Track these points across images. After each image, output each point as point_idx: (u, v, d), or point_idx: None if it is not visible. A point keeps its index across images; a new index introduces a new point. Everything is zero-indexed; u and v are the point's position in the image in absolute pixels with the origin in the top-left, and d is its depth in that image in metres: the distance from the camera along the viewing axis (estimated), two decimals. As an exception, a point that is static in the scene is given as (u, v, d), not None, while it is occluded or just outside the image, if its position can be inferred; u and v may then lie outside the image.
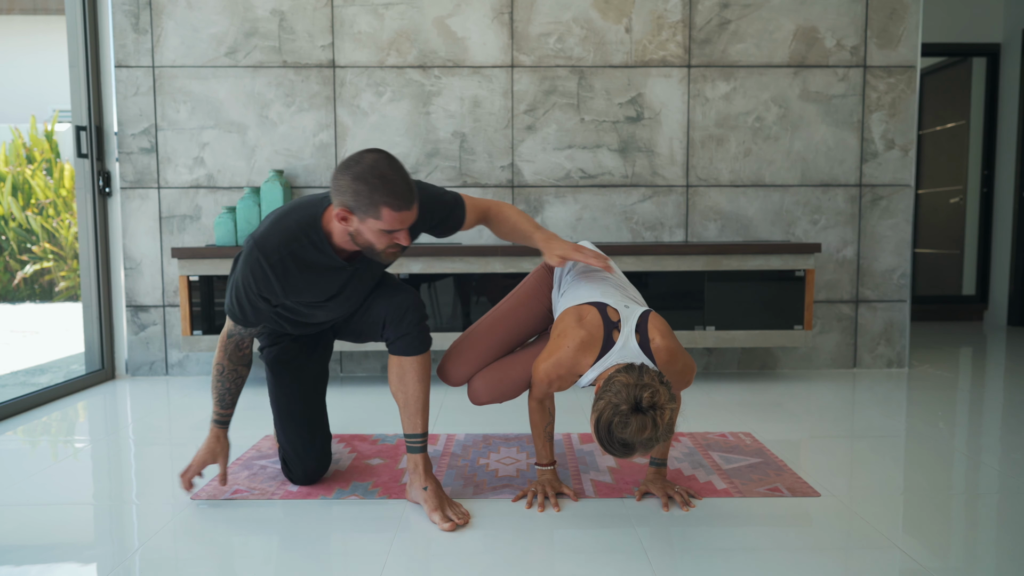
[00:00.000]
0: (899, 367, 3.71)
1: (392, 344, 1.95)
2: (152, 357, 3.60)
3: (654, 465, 2.00)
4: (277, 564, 1.62)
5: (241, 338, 1.94)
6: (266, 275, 1.79)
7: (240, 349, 1.95)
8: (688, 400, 3.08)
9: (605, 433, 1.62)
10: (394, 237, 1.74)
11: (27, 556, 1.67)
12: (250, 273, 1.79)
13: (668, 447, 1.99)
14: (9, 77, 9.01)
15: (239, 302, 1.84)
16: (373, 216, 1.69)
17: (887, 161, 3.62)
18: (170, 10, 3.47)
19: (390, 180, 1.68)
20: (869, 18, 3.56)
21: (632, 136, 3.58)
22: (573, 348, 1.80)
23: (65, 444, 2.54)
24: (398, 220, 1.70)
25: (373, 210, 1.69)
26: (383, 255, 1.79)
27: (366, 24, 3.51)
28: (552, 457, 2.00)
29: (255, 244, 1.79)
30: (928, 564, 1.60)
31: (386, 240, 1.74)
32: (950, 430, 2.64)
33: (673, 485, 1.98)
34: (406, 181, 1.71)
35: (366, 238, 1.74)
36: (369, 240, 1.74)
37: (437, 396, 3.18)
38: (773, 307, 3.33)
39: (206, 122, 3.53)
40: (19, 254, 7.55)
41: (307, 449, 2.07)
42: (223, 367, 1.95)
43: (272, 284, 1.80)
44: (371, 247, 1.76)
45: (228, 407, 1.99)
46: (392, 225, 1.70)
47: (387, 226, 1.70)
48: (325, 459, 2.12)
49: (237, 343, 1.94)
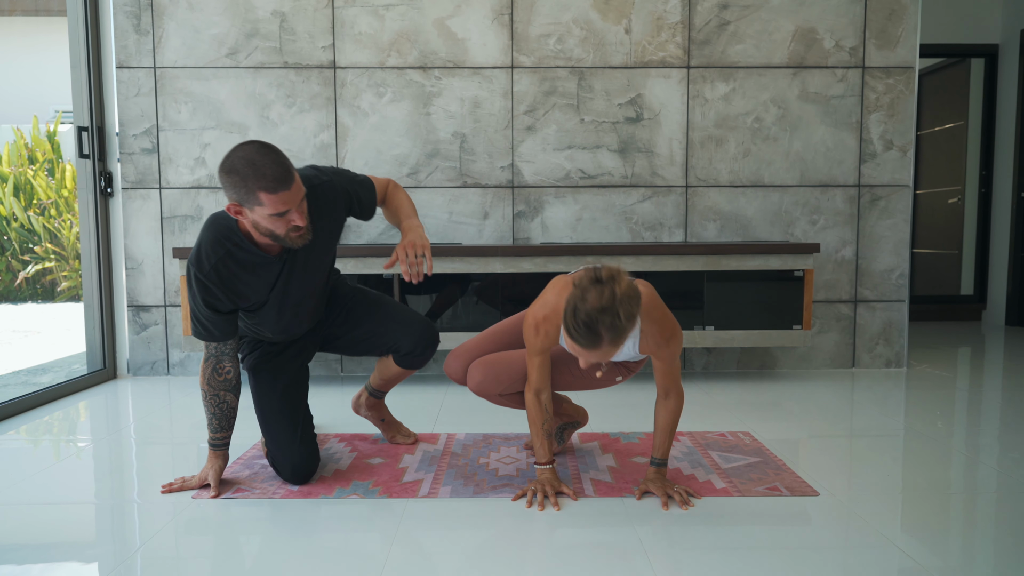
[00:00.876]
0: (898, 367, 3.72)
1: (401, 358, 2.27)
2: (153, 357, 3.61)
3: (654, 465, 2.01)
4: (277, 563, 1.63)
5: (218, 360, 1.99)
6: (205, 286, 1.87)
7: (219, 373, 1.99)
8: (688, 400, 3.09)
9: (570, 316, 1.65)
10: (288, 219, 1.79)
11: (29, 555, 1.67)
12: (195, 288, 1.88)
13: (668, 446, 2.00)
14: (11, 78, 9.02)
15: (195, 319, 1.94)
16: (256, 203, 1.75)
17: (886, 161, 3.63)
18: (171, 11, 3.48)
19: (259, 165, 1.72)
20: (868, 19, 3.57)
21: (632, 137, 3.59)
22: (558, 290, 1.88)
23: (67, 443, 2.55)
24: (279, 201, 1.74)
25: (254, 197, 1.74)
26: (288, 239, 1.83)
27: (367, 25, 3.52)
28: (551, 456, 2.01)
29: (189, 263, 1.89)
30: (926, 563, 1.61)
31: (282, 224, 1.79)
32: (948, 429, 2.65)
33: (673, 484, 1.99)
34: (278, 163, 1.74)
35: (264, 226, 1.80)
36: (267, 227, 1.80)
37: (437, 396, 3.19)
38: (772, 307, 3.33)
39: (207, 123, 3.54)
40: (21, 254, 7.56)
41: (290, 440, 2.08)
42: (204, 392, 2.02)
43: (214, 291, 1.88)
44: (272, 233, 1.81)
45: (216, 431, 2.04)
46: (276, 207, 1.75)
47: (272, 209, 1.75)
48: (310, 453, 2.11)
49: (215, 366, 1.99)
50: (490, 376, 2.07)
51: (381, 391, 2.45)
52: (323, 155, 3.55)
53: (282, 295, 1.99)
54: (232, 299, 1.91)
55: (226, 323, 1.95)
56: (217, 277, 1.87)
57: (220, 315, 1.92)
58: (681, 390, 1.97)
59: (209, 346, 1.98)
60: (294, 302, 2.03)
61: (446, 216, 3.59)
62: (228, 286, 1.89)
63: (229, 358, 1.99)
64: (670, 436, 1.99)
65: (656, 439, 1.99)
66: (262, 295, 1.96)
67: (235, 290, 1.91)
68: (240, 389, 2.05)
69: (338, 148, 3.56)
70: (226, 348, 1.99)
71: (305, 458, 2.09)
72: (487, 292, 3.30)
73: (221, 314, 1.92)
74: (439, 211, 3.59)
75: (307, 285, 2.03)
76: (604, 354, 1.69)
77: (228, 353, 1.99)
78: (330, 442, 2.51)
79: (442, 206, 3.59)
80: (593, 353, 1.69)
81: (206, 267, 1.86)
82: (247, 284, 1.92)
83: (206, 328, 1.93)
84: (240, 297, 1.93)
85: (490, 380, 2.07)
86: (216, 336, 1.95)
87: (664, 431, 1.98)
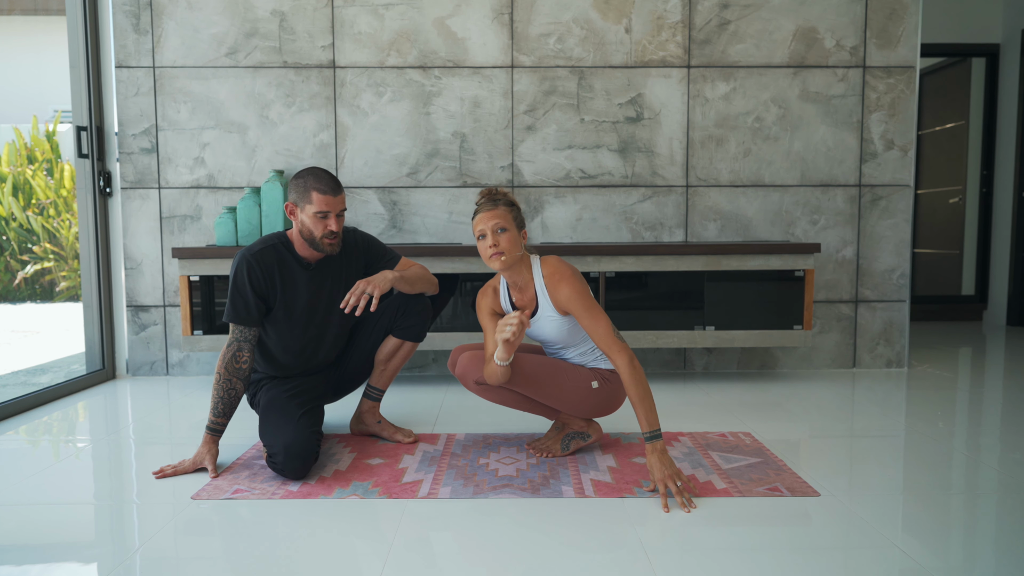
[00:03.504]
0: (898, 367, 3.72)
1: (398, 330, 2.43)
2: (153, 357, 3.61)
3: (646, 440, 1.97)
4: (277, 564, 1.62)
5: (239, 347, 2.20)
6: (251, 264, 2.20)
7: (237, 360, 2.19)
8: (688, 400, 3.09)
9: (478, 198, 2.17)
10: (327, 223, 2.18)
11: (28, 555, 1.67)
12: (242, 268, 2.20)
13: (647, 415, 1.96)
14: (10, 77, 9.01)
15: (233, 300, 2.20)
16: (308, 201, 2.18)
17: (886, 161, 3.62)
18: (171, 11, 3.48)
19: (320, 175, 2.20)
20: (868, 18, 3.56)
21: (632, 136, 3.58)
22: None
23: (66, 444, 2.55)
24: (325, 203, 2.17)
25: (307, 195, 2.18)
26: (324, 244, 2.20)
27: (366, 24, 3.51)
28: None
29: (244, 250, 2.24)
30: (927, 563, 1.61)
31: (320, 226, 2.18)
32: (949, 430, 2.64)
33: (678, 473, 1.96)
34: (334, 179, 2.22)
35: (308, 227, 2.19)
36: (310, 228, 2.19)
37: (437, 396, 3.19)
38: (773, 307, 3.33)
39: (207, 122, 3.53)
40: (20, 254, 7.55)
41: (287, 422, 2.11)
42: (219, 375, 2.18)
43: (256, 271, 2.20)
44: (312, 236, 2.20)
45: (220, 415, 2.18)
46: (321, 207, 2.16)
47: (318, 207, 2.16)
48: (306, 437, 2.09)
49: (235, 352, 2.19)
50: (470, 362, 2.23)
51: (380, 389, 2.52)
52: (323, 155, 3.55)
53: (308, 309, 2.29)
54: (267, 285, 2.22)
55: (257, 308, 2.21)
56: (261, 260, 2.21)
57: (255, 296, 2.19)
58: (622, 347, 2.03)
59: (234, 331, 2.20)
60: (317, 321, 2.32)
61: (446, 216, 3.58)
62: (267, 272, 2.22)
63: (248, 348, 2.21)
64: (642, 403, 1.97)
65: (636, 414, 1.99)
66: (289, 297, 2.26)
67: (271, 278, 2.23)
68: (249, 380, 2.25)
69: (338, 148, 3.55)
70: (249, 335, 2.21)
71: (298, 436, 2.07)
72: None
73: (256, 295, 2.20)
74: (439, 211, 3.58)
75: (330, 309, 2.33)
76: (493, 216, 2.09)
77: (249, 341, 2.21)
78: (330, 442, 2.50)
79: (442, 206, 3.58)
80: (485, 216, 2.10)
81: (255, 249, 2.23)
82: (281, 278, 2.24)
83: (242, 306, 2.19)
84: (271, 287, 2.23)
85: (470, 365, 2.23)
86: (244, 317, 2.19)
87: (635, 401, 1.98)
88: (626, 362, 2.01)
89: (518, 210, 2.16)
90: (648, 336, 3.30)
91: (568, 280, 2.11)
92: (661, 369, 3.69)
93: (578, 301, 2.09)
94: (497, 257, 2.08)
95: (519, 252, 2.13)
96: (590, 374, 2.25)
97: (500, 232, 2.09)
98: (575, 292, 2.10)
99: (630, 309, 3.29)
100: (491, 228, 2.08)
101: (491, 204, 2.12)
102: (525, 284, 2.19)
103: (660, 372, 3.66)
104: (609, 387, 2.25)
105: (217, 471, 2.17)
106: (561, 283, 2.11)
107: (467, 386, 2.28)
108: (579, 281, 2.12)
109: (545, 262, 2.17)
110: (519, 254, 2.13)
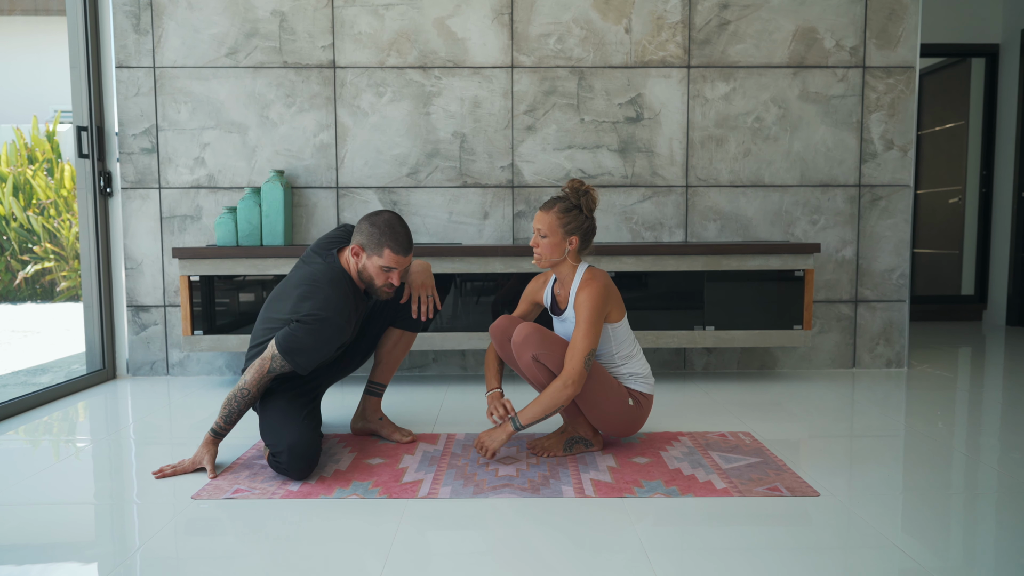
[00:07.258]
0: (898, 367, 3.72)
1: (401, 320, 2.46)
2: (153, 357, 3.61)
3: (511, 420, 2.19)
4: (277, 564, 1.62)
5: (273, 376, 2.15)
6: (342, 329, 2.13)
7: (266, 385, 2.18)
8: (688, 400, 3.09)
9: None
10: (389, 276, 2.24)
11: (28, 555, 1.67)
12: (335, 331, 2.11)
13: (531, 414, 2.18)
14: (10, 77, 9.02)
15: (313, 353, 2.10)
16: (378, 254, 2.22)
17: (886, 161, 3.63)
18: (171, 11, 3.48)
19: (397, 231, 2.23)
20: (868, 19, 3.57)
21: (632, 136, 3.58)
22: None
23: (66, 444, 2.55)
24: (395, 260, 2.22)
25: (379, 249, 2.21)
26: (380, 291, 2.27)
27: (366, 25, 3.51)
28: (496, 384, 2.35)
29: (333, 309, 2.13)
30: (927, 563, 1.61)
31: (383, 277, 2.24)
32: (949, 429, 2.64)
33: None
34: (408, 236, 2.25)
35: (369, 273, 2.24)
36: (371, 275, 2.24)
37: (437, 396, 3.19)
38: (772, 307, 3.33)
39: (207, 122, 3.54)
40: (20, 254, 7.55)
41: (290, 421, 2.12)
42: (246, 391, 2.14)
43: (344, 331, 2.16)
44: (372, 282, 2.25)
45: (230, 424, 2.19)
46: (389, 263, 2.22)
47: (386, 263, 2.22)
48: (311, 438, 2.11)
49: (271, 378, 2.16)
50: (535, 335, 2.22)
51: (382, 384, 2.56)
52: (323, 155, 3.55)
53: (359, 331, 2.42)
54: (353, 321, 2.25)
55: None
56: (346, 316, 2.17)
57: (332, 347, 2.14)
58: (580, 373, 2.14)
59: (279, 360, 2.11)
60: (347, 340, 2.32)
61: (446, 216, 3.58)
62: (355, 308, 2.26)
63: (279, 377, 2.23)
64: (539, 403, 2.16)
65: (530, 403, 2.19)
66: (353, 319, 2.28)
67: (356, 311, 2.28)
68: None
69: (338, 148, 3.56)
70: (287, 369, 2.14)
71: (303, 436, 2.09)
72: (487, 292, 3.30)
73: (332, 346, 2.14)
74: (439, 211, 3.58)
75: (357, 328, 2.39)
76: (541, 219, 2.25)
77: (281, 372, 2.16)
78: (330, 442, 2.50)
79: (442, 206, 3.58)
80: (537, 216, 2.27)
81: (341, 306, 2.16)
82: (354, 309, 2.27)
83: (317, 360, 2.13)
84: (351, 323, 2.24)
85: (534, 338, 2.21)
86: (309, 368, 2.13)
87: (540, 398, 2.17)
88: (566, 381, 2.15)
89: (576, 215, 2.26)
90: (648, 336, 3.30)
91: (590, 290, 2.22)
92: (661, 369, 3.69)
93: (584, 309, 2.19)
94: (536, 257, 2.28)
95: (557, 258, 2.28)
96: (627, 392, 2.33)
97: (542, 237, 2.26)
98: (588, 301, 2.20)
99: (630, 309, 3.29)
100: (537, 230, 2.27)
101: (547, 206, 2.27)
102: (566, 283, 2.33)
103: (660, 372, 3.66)
104: (639, 410, 2.35)
105: (216, 471, 2.17)
106: (585, 289, 2.23)
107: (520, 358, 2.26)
108: (600, 298, 2.20)
109: (590, 271, 2.28)
110: (556, 260, 2.28)
